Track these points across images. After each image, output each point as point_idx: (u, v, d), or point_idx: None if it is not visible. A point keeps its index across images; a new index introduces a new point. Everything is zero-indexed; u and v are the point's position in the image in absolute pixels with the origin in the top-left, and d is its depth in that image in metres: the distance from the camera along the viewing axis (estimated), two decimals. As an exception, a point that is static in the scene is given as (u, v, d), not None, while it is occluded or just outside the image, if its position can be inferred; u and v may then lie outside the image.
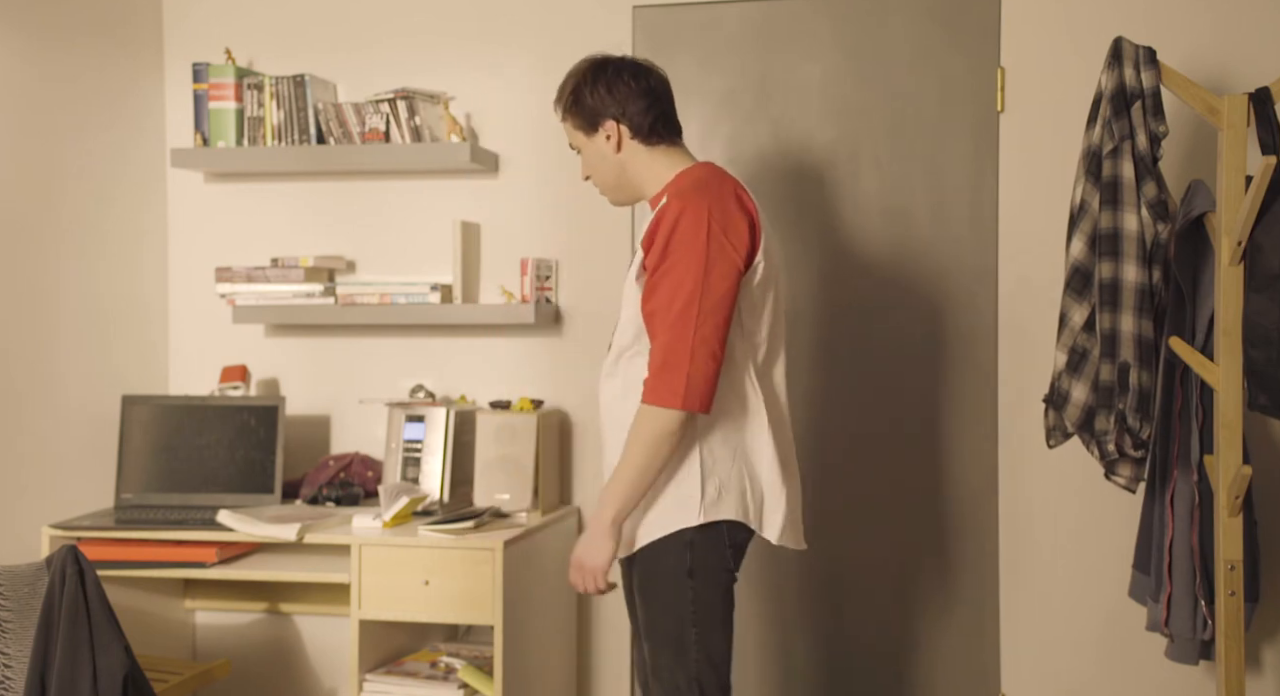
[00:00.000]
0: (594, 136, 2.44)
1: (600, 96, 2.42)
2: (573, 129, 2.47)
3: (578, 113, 2.45)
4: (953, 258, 3.22)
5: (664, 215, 2.29)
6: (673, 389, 2.21)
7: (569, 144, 2.53)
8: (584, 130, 2.45)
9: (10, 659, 2.52)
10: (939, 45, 3.21)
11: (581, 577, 2.35)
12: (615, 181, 2.48)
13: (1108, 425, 2.69)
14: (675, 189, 2.35)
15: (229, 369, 3.46)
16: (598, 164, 2.47)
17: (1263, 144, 2.53)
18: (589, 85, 2.43)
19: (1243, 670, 2.58)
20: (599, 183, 2.51)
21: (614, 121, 2.42)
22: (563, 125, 2.51)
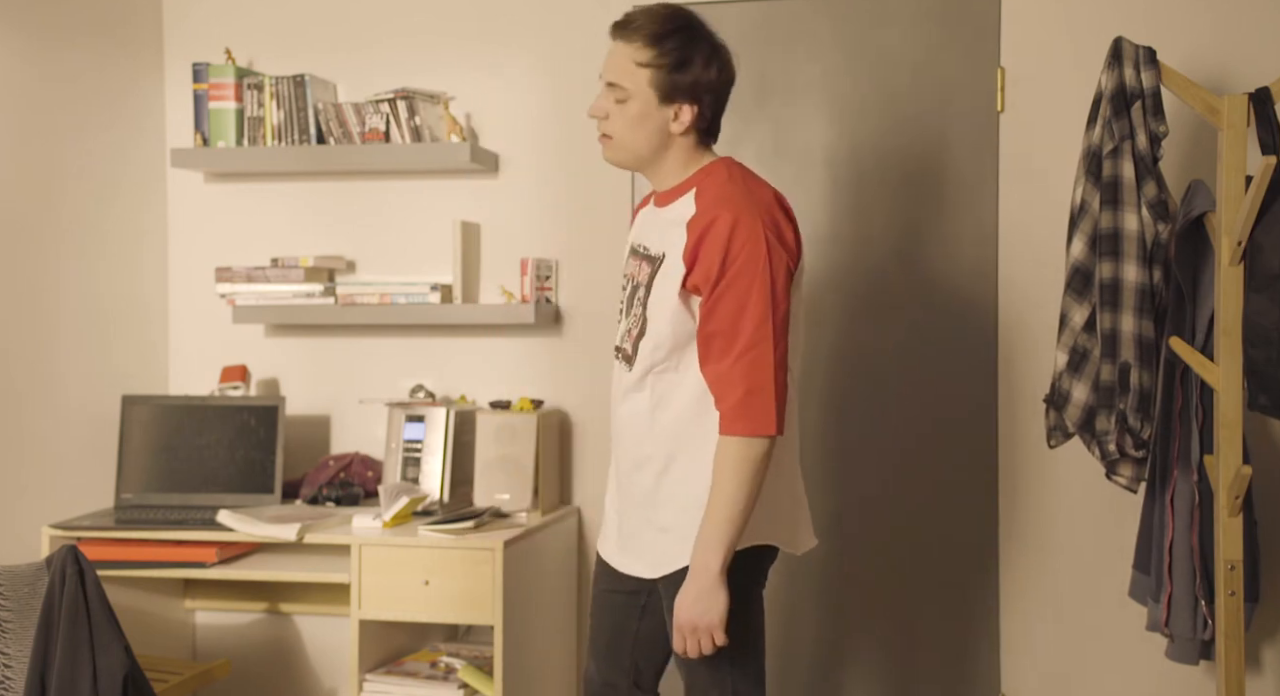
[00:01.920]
0: (664, 106, 2.17)
1: (703, 74, 2.17)
2: (647, 82, 2.15)
3: (672, 76, 2.15)
4: (953, 258, 3.22)
5: (713, 227, 2.09)
6: (766, 415, 2.08)
7: (608, 75, 2.19)
8: (661, 94, 2.16)
9: (10, 659, 2.52)
10: (939, 45, 3.21)
11: (696, 639, 2.10)
12: (640, 149, 2.21)
13: (1108, 425, 2.69)
14: (716, 195, 2.15)
15: (229, 369, 3.46)
16: (641, 129, 2.18)
17: (1263, 144, 2.53)
18: (700, 53, 2.17)
19: (1243, 670, 2.58)
20: (624, 140, 2.21)
21: (695, 107, 2.18)
22: (626, 55, 2.16)
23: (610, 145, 2.24)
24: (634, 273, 2.27)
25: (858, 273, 3.27)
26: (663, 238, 2.21)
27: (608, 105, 2.21)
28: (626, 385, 2.25)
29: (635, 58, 2.16)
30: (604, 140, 2.25)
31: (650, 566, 2.24)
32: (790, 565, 3.28)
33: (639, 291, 2.23)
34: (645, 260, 2.24)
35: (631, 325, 2.24)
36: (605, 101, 2.21)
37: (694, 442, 2.17)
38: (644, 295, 2.21)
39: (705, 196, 2.17)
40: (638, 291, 2.23)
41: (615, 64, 2.19)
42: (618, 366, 2.31)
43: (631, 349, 2.23)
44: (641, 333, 2.21)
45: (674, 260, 2.15)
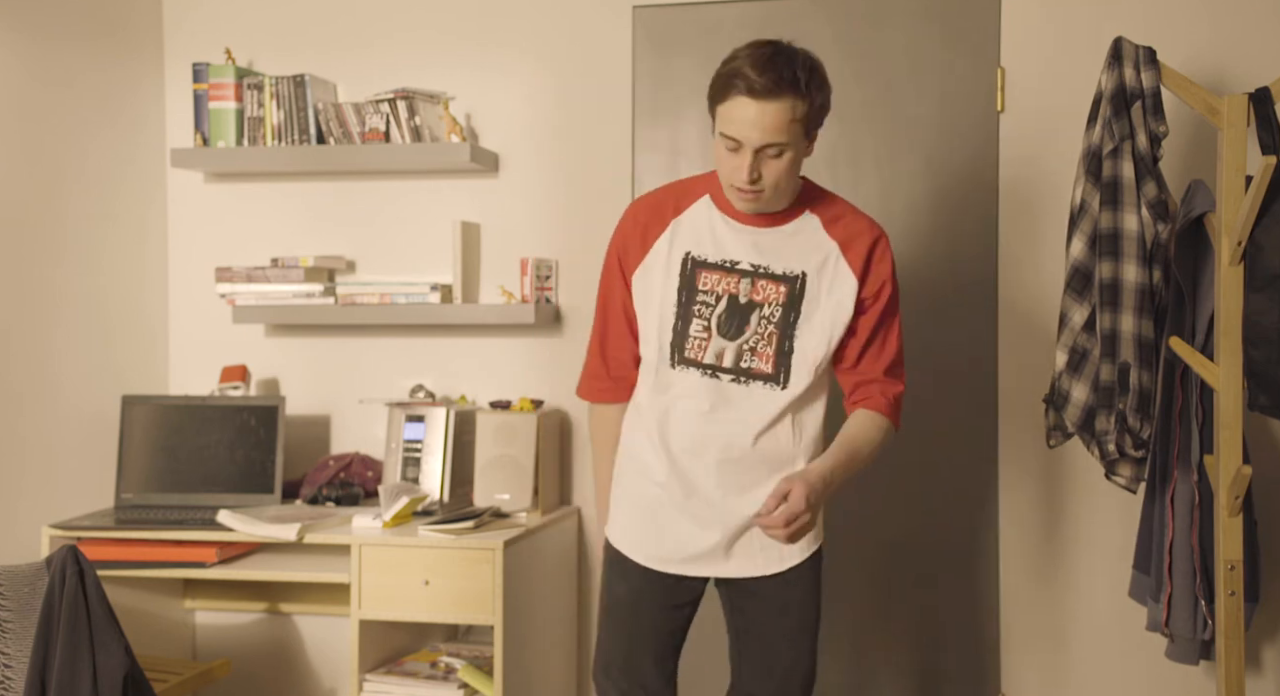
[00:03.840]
0: (808, 140, 2.20)
1: (829, 102, 2.21)
2: (799, 128, 2.14)
3: (817, 117, 2.18)
4: (953, 258, 3.22)
5: (878, 245, 2.30)
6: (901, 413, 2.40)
7: (765, 138, 2.12)
8: (807, 133, 2.18)
9: (10, 659, 2.52)
10: (939, 45, 3.21)
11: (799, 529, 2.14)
12: (791, 193, 2.26)
13: (1108, 425, 2.69)
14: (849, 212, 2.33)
15: (229, 369, 3.46)
16: (792, 171, 2.19)
17: (1263, 144, 2.53)
18: (828, 88, 2.19)
19: (1243, 670, 2.59)
20: (781, 185, 2.19)
21: (818, 131, 2.24)
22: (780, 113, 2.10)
23: (763, 197, 2.20)
24: (739, 292, 2.26)
25: (858, 273, 3.27)
26: (795, 257, 2.27)
27: (758, 166, 2.15)
28: (779, 402, 2.28)
29: (791, 115, 2.11)
30: (753, 194, 2.19)
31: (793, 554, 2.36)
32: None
33: (767, 309, 2.26)
34: (772, 280, 2.26)
35: (758, 345, 2.27)
36: (755, 164, 2.15)
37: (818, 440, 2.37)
38: (782, 314, 2.26)
39: (832, 215, 2.31)
40: (762, 308, 2.26)
41: (767, 126, 2.10)
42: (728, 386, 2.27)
43: (774, 367, 2.27)
44: (785, 351, 2.26)
45: (836, 282, 2.27)
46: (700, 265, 2.28)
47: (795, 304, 2.26)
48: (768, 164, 2.15)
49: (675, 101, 3.35)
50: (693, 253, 2.29)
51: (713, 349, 2.27)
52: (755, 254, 2.27)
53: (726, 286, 2.27)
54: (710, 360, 2.27)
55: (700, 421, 2.29)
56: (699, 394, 2.29)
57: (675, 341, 2.29)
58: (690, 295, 2.28)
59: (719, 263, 2.27)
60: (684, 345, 2.28)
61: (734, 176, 2.18)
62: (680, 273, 2.29)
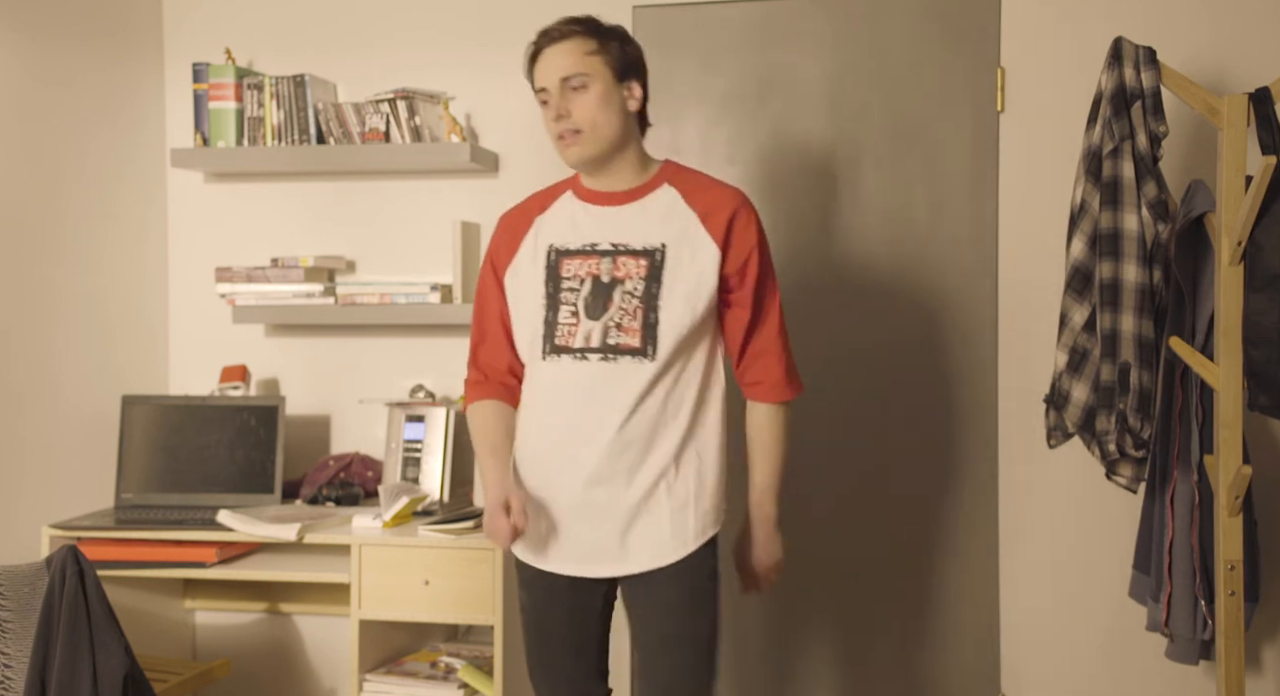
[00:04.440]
0: (619, 85, 2.29)
1: (640, 56, 2.35)
2: (602, 63, 2.27)
3: (622, 55, 2.30)
4: (953, 258, 3.22)
5: (740, 213, 2.30)
6: (798, 379, 2.41)
7: (560, 72, 2.26)
8: (615, 72, 2.28)
9: (10, 659, 2.52)
10: (939, 45, 3.21)
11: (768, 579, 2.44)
12: (617, 137, 2.29)
13: (1108, 425, 2.69)
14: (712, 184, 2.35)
15: (229, 369, 3.46)
16: (608, 110, 2.27)
17: (1263, 144, 2.53)
18: (631, 40, 2.34)
19: (1243, 670, 2.59)
20: (599, 127, 2.27)
21: (640, 86, 2.34)
22: (573, 50, 2.26)
23: (582, 139, 2.28)
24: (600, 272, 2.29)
25: (857, 272, 3.27)
26: (653, 231, 2.30)
27: (566, 103, 2.27)
28: (647, 374, 2.24)
29: (583, 48, 2.27)
30: (572, 138, 2.28)
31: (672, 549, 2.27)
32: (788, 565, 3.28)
33: (629, 284, 2.27)
34: (630, 255, 2.28)
35: (623, 320, 2.26)
36: (562, 101, 2.27)
37: (702, 420, 2.32)
38: (646, 288, 2.26)
39: (692, 188, 2.33)
40: (623, 284, 2.27)
41: (563, 63, 2.27)
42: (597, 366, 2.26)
43: (641, 342, 2.25)
44: (650, 322, 2.25)
45: (697, 250, 2.27)
46: (563, 254, 2.33)
47: (657, 275, 2.26)
48: (575, 101, 2.26)
49: (675, 101, 3.35)
50: (555, 244, 2.35)
51: (581, 332, 2.28)
52: (614, 233, 2.31)
53: (589, 269, 2.30)
54: (580, 344, 2.27)
55: (575, 407, 2.28)
56: (573, 380, 2.28)
57: (546, 332, 2.31)
58: (556, 284, 2.31)
59: (580, 248, 2.32)
60: (554, 334, 2.30)
61: (550, 127, 2.30)
62: (545, 265, 2.34)
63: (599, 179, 2.36)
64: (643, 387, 2.24)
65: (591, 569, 2.31)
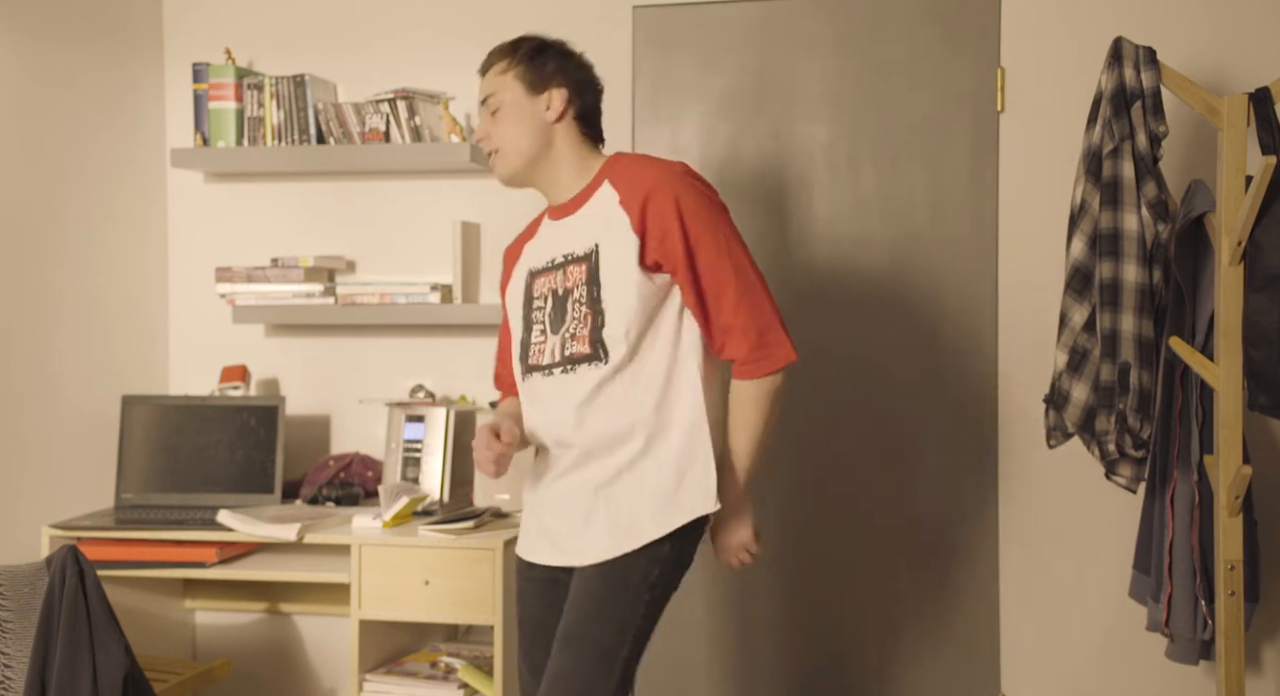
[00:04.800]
0: (534, 97, 2.29)
1: (562, 63, 2.33)
2: (513, 79, 2.30)
3: (532, 67, 2.30)
4: (953, 258, 3.22)
5: (654, 194, 2.18)
6: (782, 347, 2.21)
7: (482, 97, 2.34)
8: (527, 86, 2.29)
9: (10, 659, 2.52)
10: (939, 45, 3.21)
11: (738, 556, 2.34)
12: (532, 151, 2.30)
13: (1108, 425, 2.69)
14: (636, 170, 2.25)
15: (229, 369, 3.46)
16: (519, 125, 2.29)
17: (1263, 144, 2.53)
18: (553, 50, 2.34)
19: (1243, 670, 2.58)
20: (509, 144, 2.30)
21: (566, 91, 2.31)
22: (491, 74, 2.33)
23: (499, 158, 2.32)
24: (557, 285, 2.29)
25: (857, 272, 3.27)
26: (589, 233, 2.26)
27: (485, 126, 2.33)
28: (595, 380, 2.21)
29: (498, 70, 2.33)
30: (495, 158, 2.33)
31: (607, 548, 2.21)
32: (788, 565, 3.29)
33: (576, 291, 2.25)
34: (574, 263, 2.27)
35: (576, 328, 2.24)
36: (484, 124, 2.33)
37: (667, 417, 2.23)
38: (589, 292, 2.23)
39: (624, 177, 2.26)
40: (573, 293, 2.26)
41: (483, 86, 2.35)
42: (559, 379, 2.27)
43: (591, 347, 2.22)
44: (598, 326, 2.21)
45: (618, 240, 2.20)
46: (535, 274, 2.36)
47: (595, 277, 2.22)
48: (493, 122, 2.32)
49: (675, 101, 3.35)
50: (531, 266, 2.38)
51: (548, 348, 2.29)
52: (565, 243, 2.31)
53: (550, 285, 2.31)
54: (547, 360, 2.29)
55: (545, 419, 2.30)
56: (542, 395, 2.30)
57: (522, 353, 2.35)
58: (529, 305, 2.35)
59: (544, 265, 2.34)
60: (528, 354, 2.33)
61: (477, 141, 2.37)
62: (524, 288, 2.38)
63: (548, 191, 2.37)
64: (590, 389, 2.21)
65: (552, 557, 2.31)
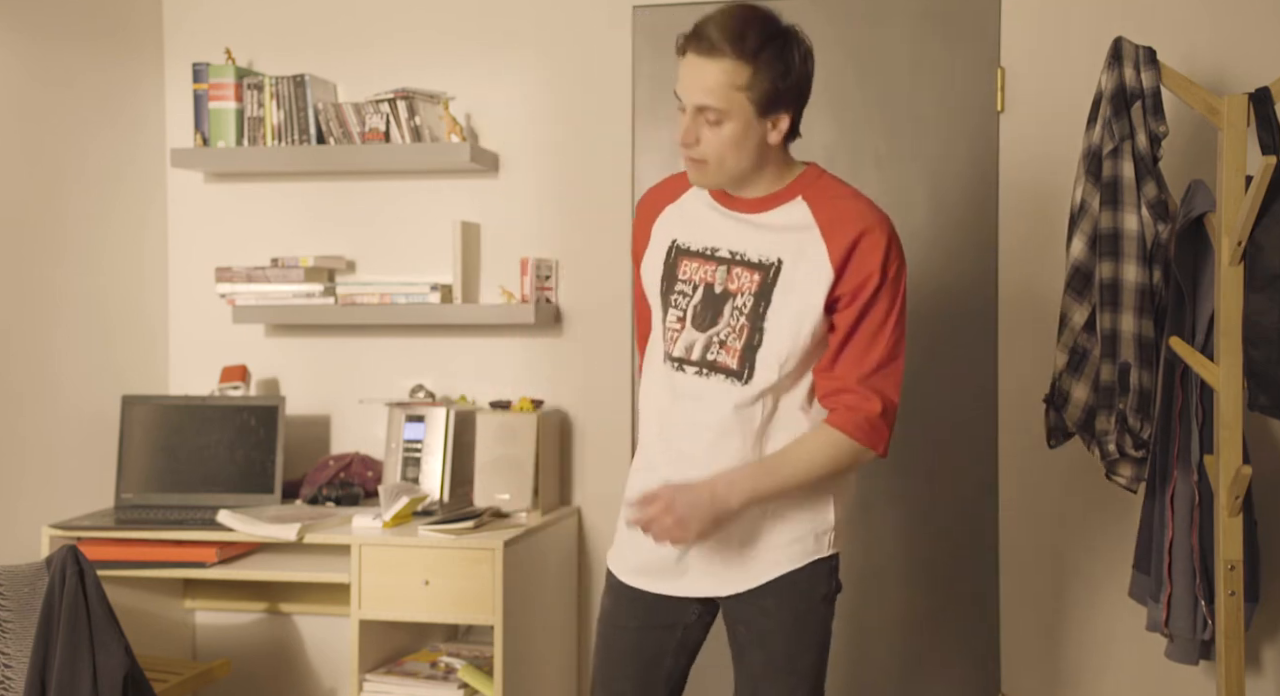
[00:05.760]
0: (762, 120, 2.05)
1: (799, 82, 2.07)
2: (747, 101, 2.02)
3: (771, 88, 2.02)
4: (953, 258, 3.22)
5: (866, 237, 2.05)
6: (884, 437, 2.09)
7: (696, 98, 2.03)
8: (759, 109, 2.03)
9: (10, 659, 2.52)
10: (939, 45, 3.21)
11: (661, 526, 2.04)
12: (742, 169, 2.09)
13: (1108, 425, 2.69)
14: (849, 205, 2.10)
15: (229, 369, 3.46)
16: (740, 149, 2.05)
17: (1263, 144, 2.53)
18: (802, 62, 2.06)
19: (1243, 670, 2.59)
20: (727, 163, 2.07)
21: (790, 114, 2.08)
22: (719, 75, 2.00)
23: (705, 169, 2.08)
24: (714, 280, 2.13)
25: (858, 273, 3.27)
26: (774, 245, 2.10)
27: (697, 130, 2.05)
28: (735, 399, 2.09)
29: (732, 80, 2.01)
30: (695, 164, 2.09)
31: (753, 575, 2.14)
32: (790, 565, 3.28)
33: (740, 299, 2.10)
34: (747, 267, 2.11)
35: (727, 336, 2.10)
36: (694, 126, 2.05)
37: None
38: (753, 305, 2.09)
39: (827, 202, 2.10)
40: (735, 298, 2.10)
41: (702, 85, 2.02)
42: (692, 378, 2.13)
43: (739, 362, 2.09)
44: (753, 344, 2.09)
45: (809, 266, 2.06)
46: (683, 253, 2.17)
47: (767, 293, 2.08)
48: (706, 132, 2.05)
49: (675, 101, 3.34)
50: (678, 240, 2.18)
51: (683, 341, 2.14)
52: (737, 241, 2.13)
53: (704, 275, 2.14)
54: (679, 353, 2.14)
55: (660, 419, 2.18)
56: (664, 389, 2.17)
57: (658, 334, 2.20)
58: (670, 284, 2.17)
59: (700, 250, 2.15)
60: (664, 338, 2.17)
61: (679, 138, 2.09)
62: (665, 261, 2.19)
63: (736, 188, 2.16)
64: (728, 411, 2.09)
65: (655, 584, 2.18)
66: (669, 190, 2.26)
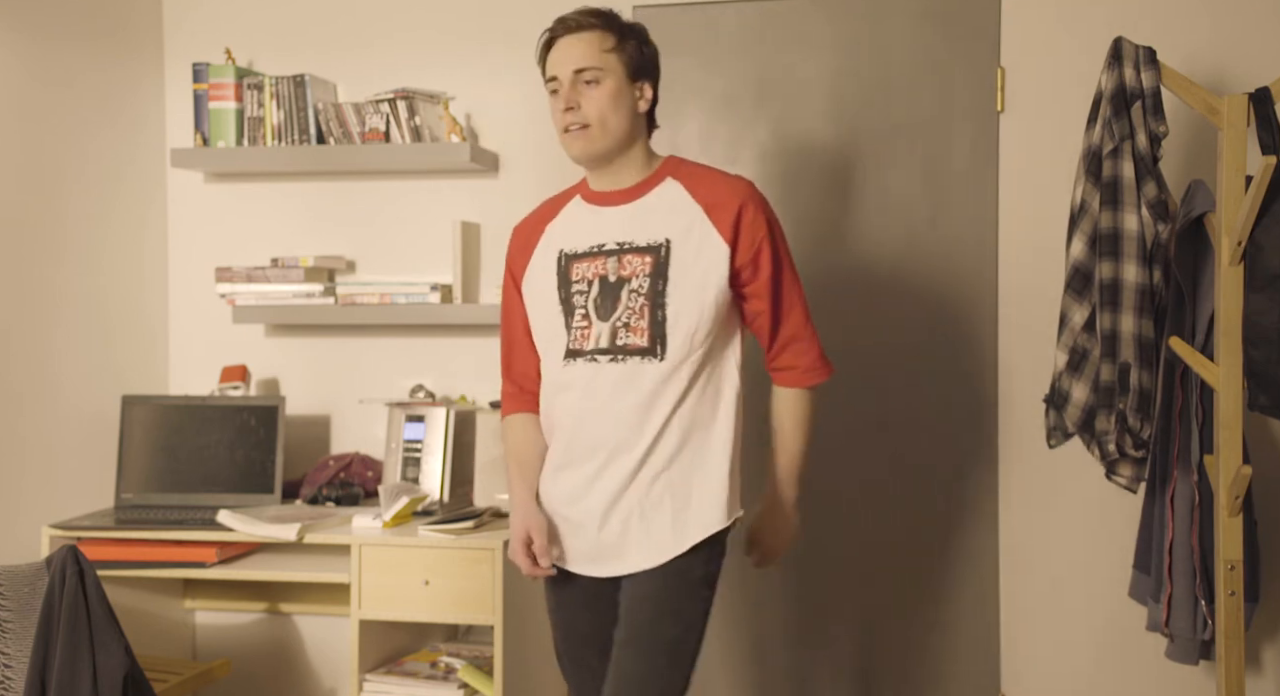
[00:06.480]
0: (632, 84, 2.27)
1: (655, 56, 2.33)
2: (618, 61, 2.25)
3: (635, 53, 2.28)
4: (953, 258, 3.22)
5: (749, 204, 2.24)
6: (825, 368, 2.36)
7: (574, 64, 2.24)
8: (630, 71, 2.26)
9: (10, 659, 2.52)
10: (938, 45, 3.21)
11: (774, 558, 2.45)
12: (622, 129, 2.26)
13: (1108, 425, 2.69)
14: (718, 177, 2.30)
15: (229, 369, 3.46)
16: (619, 109, 2.24)
17: (1263, 144, 2.53)
18: (649, 41, 2.32)
19: (1243, 670, 2.59)
20: (610, 124, 2.24)
21: (653, 86, 2.32)
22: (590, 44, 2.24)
23: (589, 134, 2.24)
24: (607, 271, 2.26)
25: (857, 272, 3.27)
26: (658, 227, 2.25)
27: (576, 95, 2.25)
28: (653, 376, 2.21)
29: (601, 44, 2.25)
30: (578, 131, 2.25)
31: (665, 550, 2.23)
32: (790, 564, 3.28)
33: (635, 281, 2.23)
34: (635, 252, 2.25)
35: (630, 318, 2.23)
36: (573, 92, 2.25)
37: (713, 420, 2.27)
38: (650, 284, 2.22)
39: (700, 182, 2.28)
40: (630, 282, 2.24)
41: (577, 53, 2.25)
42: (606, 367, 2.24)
43: (649, 340, 2.21)
44: (658, 319, 2.21)
45: (702, 244, 2.23)
46: (573, 258, 2.31)
47: (662, 271, 2.22)
48: (585, 94, 2.24)
49: (675, 101, 3.35)
50: (564, 249, 2.33)
51: (593, 335, 2.26)
52: (620, 232, 2.28)
53: (596, 270, 2.27)
54: (591, 346, 2.26)
55: (584, 409, 2.27)
56: (584, 382, 2.26)
57: (562, 337, 2.30)
58: (567, 289, 2.30)
59: (588, 250, 2.30)
60: (569, 338, 2.29)
61: (557, 118, 2.27)
62: (557, 270, 2.32)
63: (602, 178, 2.33)
64: (651, 388, 2.21)
65: (598, 569, 2.30)
66: (545, 214, 2.43)
